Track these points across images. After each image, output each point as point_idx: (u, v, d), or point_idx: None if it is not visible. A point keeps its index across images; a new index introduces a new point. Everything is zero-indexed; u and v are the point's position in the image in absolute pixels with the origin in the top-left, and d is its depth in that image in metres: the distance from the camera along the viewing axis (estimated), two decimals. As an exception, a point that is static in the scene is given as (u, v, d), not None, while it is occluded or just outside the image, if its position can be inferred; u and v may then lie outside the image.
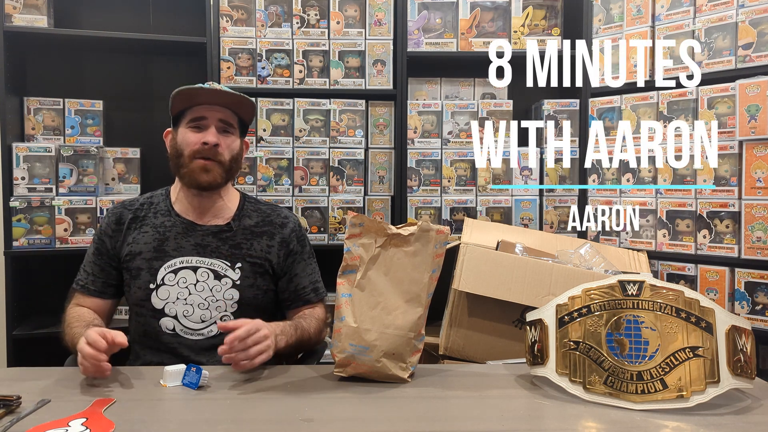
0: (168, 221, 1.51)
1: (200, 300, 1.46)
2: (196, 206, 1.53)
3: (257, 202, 1.63)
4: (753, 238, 2.02)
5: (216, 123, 1.48)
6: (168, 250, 1.48)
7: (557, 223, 2.50)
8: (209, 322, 1.46)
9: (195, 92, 1.47)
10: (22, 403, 1.06)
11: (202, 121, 1.48)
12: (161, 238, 1.49)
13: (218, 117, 1.49)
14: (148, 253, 1.48)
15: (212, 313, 1.46)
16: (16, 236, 2.25)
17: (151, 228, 1.51)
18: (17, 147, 2.27)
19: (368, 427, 1.02)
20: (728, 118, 2.09)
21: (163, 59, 2.64)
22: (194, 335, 1.45)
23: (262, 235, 1.54)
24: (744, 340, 1.09)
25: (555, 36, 2.51)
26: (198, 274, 1.47)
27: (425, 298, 1.25)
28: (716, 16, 2.12)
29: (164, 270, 1.46)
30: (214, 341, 1.45)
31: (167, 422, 1.03)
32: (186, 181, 1.49)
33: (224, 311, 1.47)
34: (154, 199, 1.57)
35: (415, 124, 2.48)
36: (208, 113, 1.48)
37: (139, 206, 1.55)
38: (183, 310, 1.45)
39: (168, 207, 1.54)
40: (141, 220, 1.52)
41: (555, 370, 1.16)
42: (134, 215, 1.53)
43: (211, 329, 1.46)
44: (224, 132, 1.50)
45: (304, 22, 2.45)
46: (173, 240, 1.49)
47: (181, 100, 1.48)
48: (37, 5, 2.32)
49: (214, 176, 1.47)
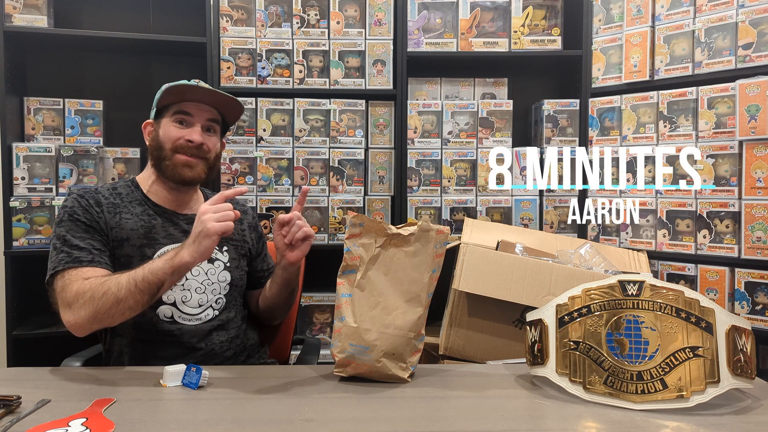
0: (148, 210, 1.49)
1: (197, 284, 1.46)
2: (174, 198, 1.51)
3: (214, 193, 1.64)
4: (753, 238, 2.02)
5: (203, 122, 1.48)
6: (158, 237, 1.46)
7: (557, 223, 2.50)
8: (206, 306, 1.47)
9: (187, 89, 1.46)
10: (22, 403, 1.06)
11: (188, 117, 1.47)
12: (147, 226, 1.46)
13: (206, 117, 1.49)
14: (138, 240, 1.43)
15: (208, 296, 1.47)
16: (16, 236, 2.25)
17: (131, 216, 1.45)
18: (17, 147, 2.27)
19: (368, 427, 1.01)
20: (728, 118, 2.09)
21: (163, 59, 2.64)
22: (192, 320, 1.45)
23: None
24: (744, 340, 1.09)
25: (555, 36, 2.51)
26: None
27: (425, 298, 1.24)
28: (716, 16, 2.12)
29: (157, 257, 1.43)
30: (212, 324, 1.46)
31: (167, 422, 1.03)
32: (168, 174, 1.46)
33: (218, 294, 1.49)
34: (120, 190, 1.50)
35: (415, 124, 2.48)
36: (195, 111, 1.48)
37: (108, 194, 1.48)
38: (181, 296, 1.44)
39: (142, 197, 1.50)
40: (117, 207, 1.46)
41: (555, 370, 1.16)
42: (108, 201, 1.46)
43: (207, 313, 1.47)
44: (208, 131, 1.50)
45: (304, 22, 2.45)
46: (161, 228, 1.47)
47: (172, 95, 1.47)
48: (37, 5, 2.33)
49: (197, 172, 1.47)
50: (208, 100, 1.49)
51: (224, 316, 1.49)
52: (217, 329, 1.47)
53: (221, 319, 1.48)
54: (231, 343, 1.49)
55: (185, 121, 1.47)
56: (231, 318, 1.51)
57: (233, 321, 1.51)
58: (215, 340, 1.46)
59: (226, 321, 1.49)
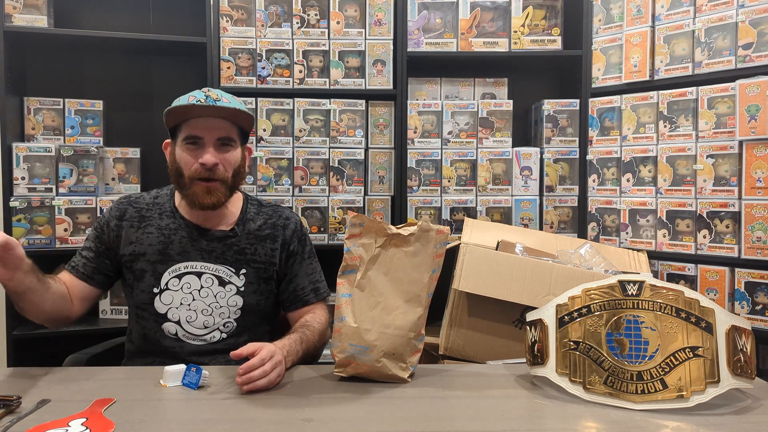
0: (173, 223, 1.49)
1: (204, 306, 1.45)
2: (199, 214, 1.49)
3: (260, 204, 1.59)
4: (753, 238, 2.02)
5: (213, 142, 1.42)
6: (172, 254, 1.46)
7: (557, 223, 2.50)
8: (212, 328, 1.46)
9: (188, 109, 1.41)
10: (22, 403, 1.06)
11: (198, 140, 1.42)
12: (166, 241, 1.47)
13: (215, 136, 1.42)
14: (153, 256, 1.46)
15: (215, 319, 1.46)
16: (16, 236, 2.25)
17: (155, 229, 1.49)
18: (17, 147, 2.27)
19: (368, 427, 1.02)
20: (728, 118, 2.09)
21: (163, 59, 2.64)
22: (196, 341, 1.45)
23: (265, 239, 1.52)
24: (744, 340, 1.09)
25: (555, 36, 2.51)
26: (202, 279, 1.46)
27: (425, 298, 1.25)
28: (716, 16, 2.12)
29: (168, 275, 1.45)
30: (216, 346, 1.45)
31: (167, 422, 1.03)
32: (189, 202, 1.45)
33: (227, 318, 1.47)
34: (160, 199, 1.54)
35: (415, 124, 2.48)
36: (204, 132, 1.42)
37: (145, 205, 1.52)
38: (186, 316, 1.45)
39: (172, 208, 1.51)
40: (146, 219, 1.50)
41: (555, 370, 1.16)
42: (139, 214, 1.51)
43: (214, 335, 1.46)
44: (223, 147, 1.44)
45: (304, 22, 2.45)
46: (178, 244, 1.47)
47: (174, 116, 1.43)
48: (37, 5, 2.32)
49: (217, 197, 1.42)
50: (213, 113, 1.43)
51: (233, 340, 1.46)
52: (223, 352, 1.44)
53: (228, 343, 1.45)
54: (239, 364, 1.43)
55: (197, 143, 1.42)
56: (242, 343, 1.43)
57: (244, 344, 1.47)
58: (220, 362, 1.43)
59: (235, 345, 1.42)
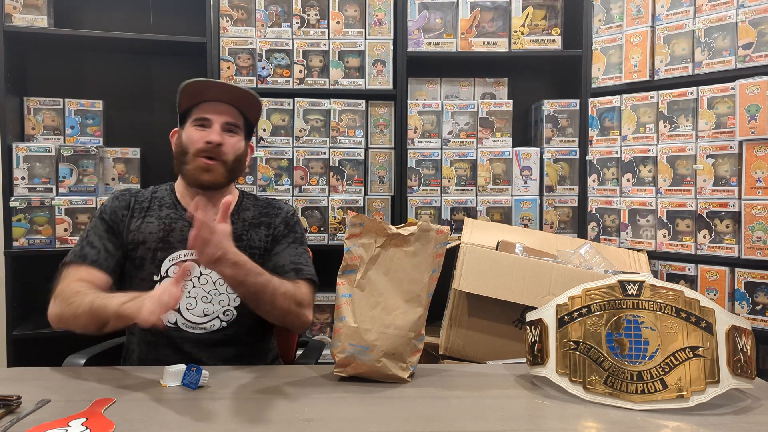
0: (174, 213, 1.51)
1: (203, 293, 1.46)
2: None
3: (256, 198, 1.63)
4: (753, 238, 2.02)
5: (221, 124, 1.48)
6: (173, 241, 1.47)
7: (557, 223, 2.50)
8: (212, 316, 1.46)
9: (202, 87, 1.47)
10: (22, 403, 1.06)
11: (207, 121, 1.48)
12: (167, 229, 1.49)
13: (224, 120, 1.48)
14: (153, 243, 1.47)
15: (215, 306, 1.46)
16: (16, 236, 2.25)
17: (156, 219, 1.50)
18: (17, 147, 2.27)
19: (368, 427, 1.01)
20: (728, 118, 2.09)
21: (163, 59, 2.64)
22: (196, 329, 1.45)
23: (260, 225, 1.55)
24: (744, 340, 1.09)
25: (555, 36, 2.51)
26: (202, 266, 1.46)
27: (425, 298, 1.24)
28: (716, 16, 2.12)
29: (169, 262, 1.46)
30: (216, 336, 1.45)
31: (167, 422, 1.03)
32: (188, 179, 1.49)
33: (227, 305, 1.47)
34: (159, 194, 1.57)
35: (415, 124, 2.48)
36: (214, 115, 1.48)
37: (145, 199, 1.55)
38: (186, 303, 1.44)
39: (173, 200, 1.54)
40: (146, 211, 1.52)
41: (555, 370, 1.16)
42: (140, 206, 1.53)
43: (213, 323, 1.46)
44: (229, 131, 1.50)
45: (304, 22, 2.45)
46: (179, 232, 1.48)
47: (188, 96, 1.48)
48: (37, 5, 2.33)
49: (216, 176, 1.47)
50: (226, 97, 1.49)
51: (232, 330, 1.46)
52: (223, 344, 1.44)
53: (227, 334, 1.45)
54: (239, 362, 1.42)
55: (205, 124, 1.48)
56: (242, 334, 1.47)
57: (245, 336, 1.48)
58: (221, 356, 1.43)
59: (235, 337, 1.46)
